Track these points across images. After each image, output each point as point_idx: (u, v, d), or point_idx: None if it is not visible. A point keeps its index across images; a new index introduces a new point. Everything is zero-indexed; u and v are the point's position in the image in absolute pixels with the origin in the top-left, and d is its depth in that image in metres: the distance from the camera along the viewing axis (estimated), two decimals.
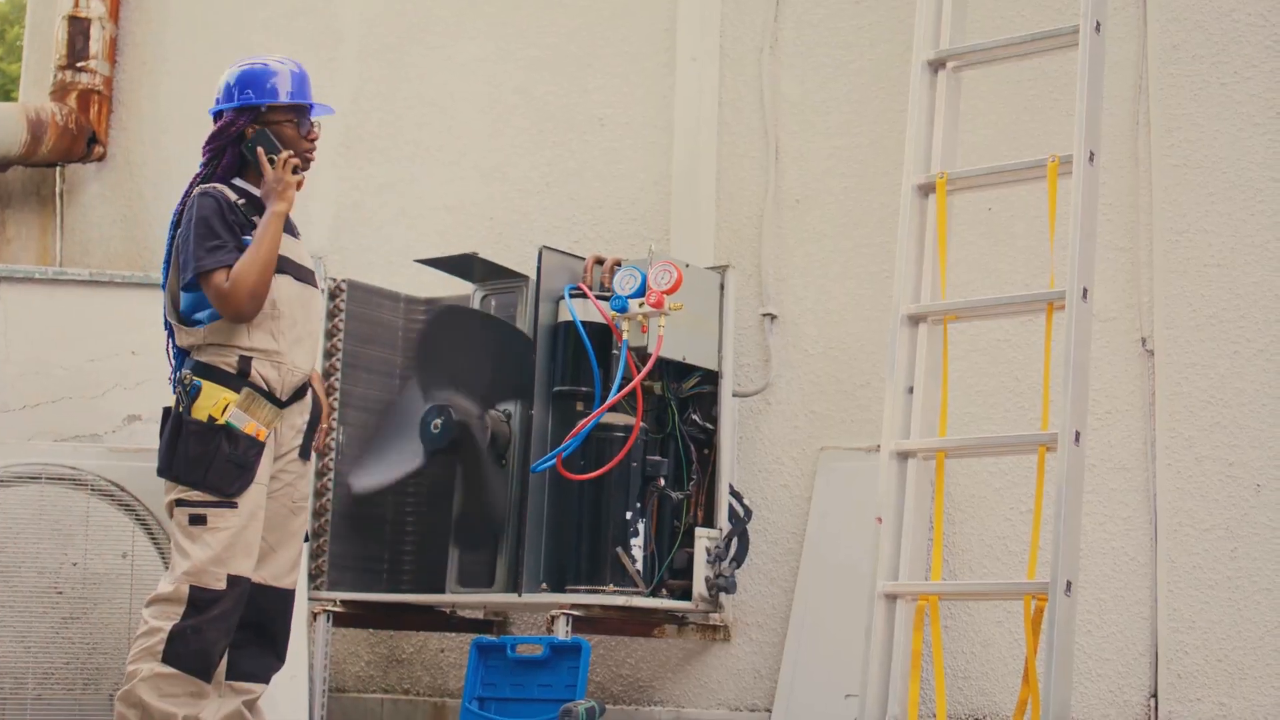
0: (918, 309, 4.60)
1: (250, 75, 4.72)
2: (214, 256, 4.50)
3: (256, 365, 4.55)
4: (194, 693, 4.44)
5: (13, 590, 5.31)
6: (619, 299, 5.30)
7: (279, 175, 4.64)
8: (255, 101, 4.69)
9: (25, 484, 5.36)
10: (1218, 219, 5.15)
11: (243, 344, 4.54)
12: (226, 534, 4.46)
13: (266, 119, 4.71)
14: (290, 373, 4.62)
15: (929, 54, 4.81)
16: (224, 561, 4.45)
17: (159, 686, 4.40)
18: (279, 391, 4.60)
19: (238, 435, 4.48)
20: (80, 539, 5.36)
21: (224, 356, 4.54)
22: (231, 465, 4.47)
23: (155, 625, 4.43)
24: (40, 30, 7.91)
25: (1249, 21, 5.20)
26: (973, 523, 5.42)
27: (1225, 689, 4.95)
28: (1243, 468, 5.02)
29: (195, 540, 4.45)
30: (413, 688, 6.39)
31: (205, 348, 4.56)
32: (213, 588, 4.44)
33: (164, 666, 4.40)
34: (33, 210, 7.73)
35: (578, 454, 5.29)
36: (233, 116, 4.71)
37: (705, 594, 5.43)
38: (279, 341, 4.59)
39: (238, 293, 4.48)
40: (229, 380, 4.51)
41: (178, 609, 4.42)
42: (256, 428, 4.51)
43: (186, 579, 4.43)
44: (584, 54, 6.50)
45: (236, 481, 4.48)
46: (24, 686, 5.26)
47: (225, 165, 4.70)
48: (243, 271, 4.49)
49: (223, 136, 4.70)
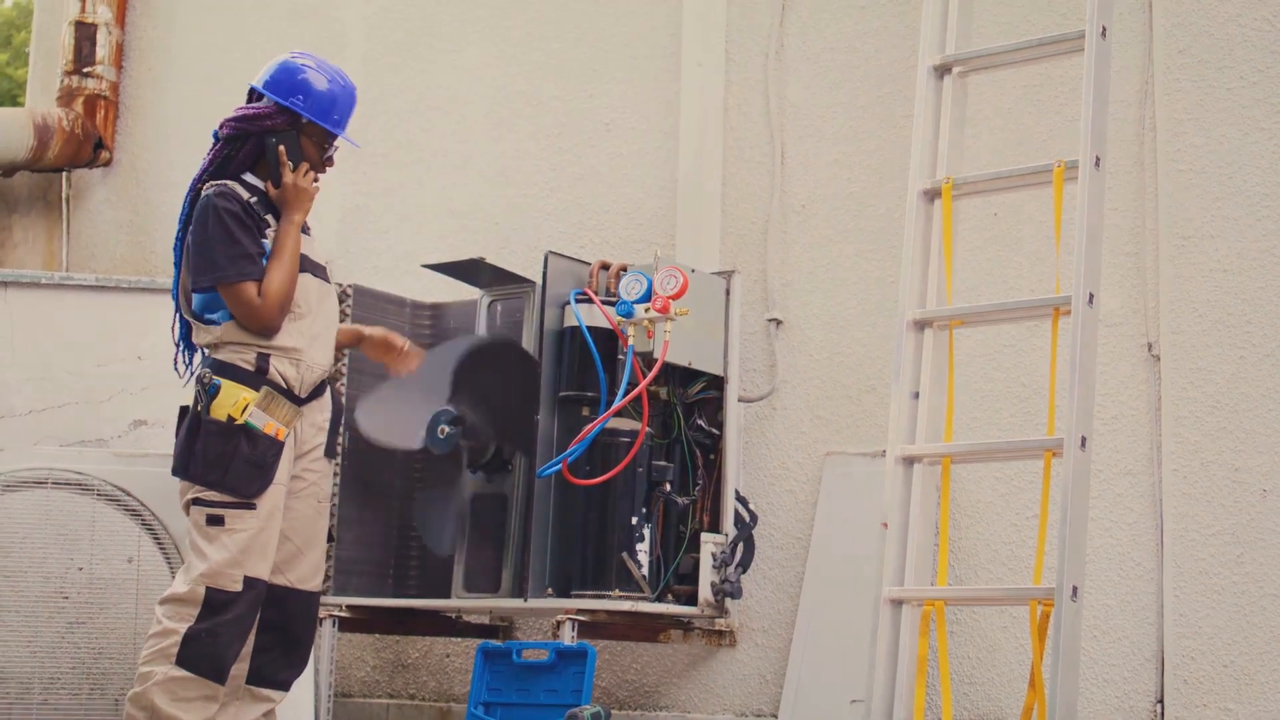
0: (923, 314, 4.59)
1: (307, 84, 4.63)
2: (238, 267, 4.46)
3: (275, 363, 4.52)
4: (207, 695, 4.42)
5: (19, 595, 5.31)
6: (625, 304, 5.30)
7: (298, 183, 4.59)
8: (301, 110, 4.63)
9: (31, 489, 5.36)
10: (1224, 224, 5.15)
11: (262, 342, 4.51)
12: (244, 536, 4.43)
13: (301, 126, 4.65)
14: (309, 370, 4.59)
15: (934, 59, 4.80)
16: (241, 564, 4.42)
17: (172, 690, 4.37)
18: (298, 389, 4.57)
19: (257, 435, 4.44)
20: (86, 544, 5.36)
21: (242, 354, 4.50)
22: (250, 466, 4.43)
23: (170, 627, 4.40)
24: (47, 35, 7.92)
25: (1255, 26, 5.19)
26: (978, 528, 5.41)
27: (1231, 695, 4.94)
28: (1249, 473, 5.02)
29: (212, 541, 4.42)
30: (418, 693, 6.39)
31: (223, 346, 4.52)
32: (229, 589, 4.41)
33: (178, 670, 4.37)
34: (39, 215, 7.73)
35: (583, 459, 5.29)
36: (272, 110, 4.63)
37: (711, 599, 5.43)
38: (299, 339, 4.56)
39: (269, 308, 4.46)
40: (248, 378, 4.48)
41: (192, 610, 4.39)
42: (276, 427, 4.48)
43: (203, 580, 4.40)
44: (590, 59, 6.50)
45: (255, 482, 4.44)
46: (30, 692, 5.26)
47: (244, 155, 4.63)
48: (274, 286, 4.47)
49: (254, 124, 4.61)
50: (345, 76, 4.74)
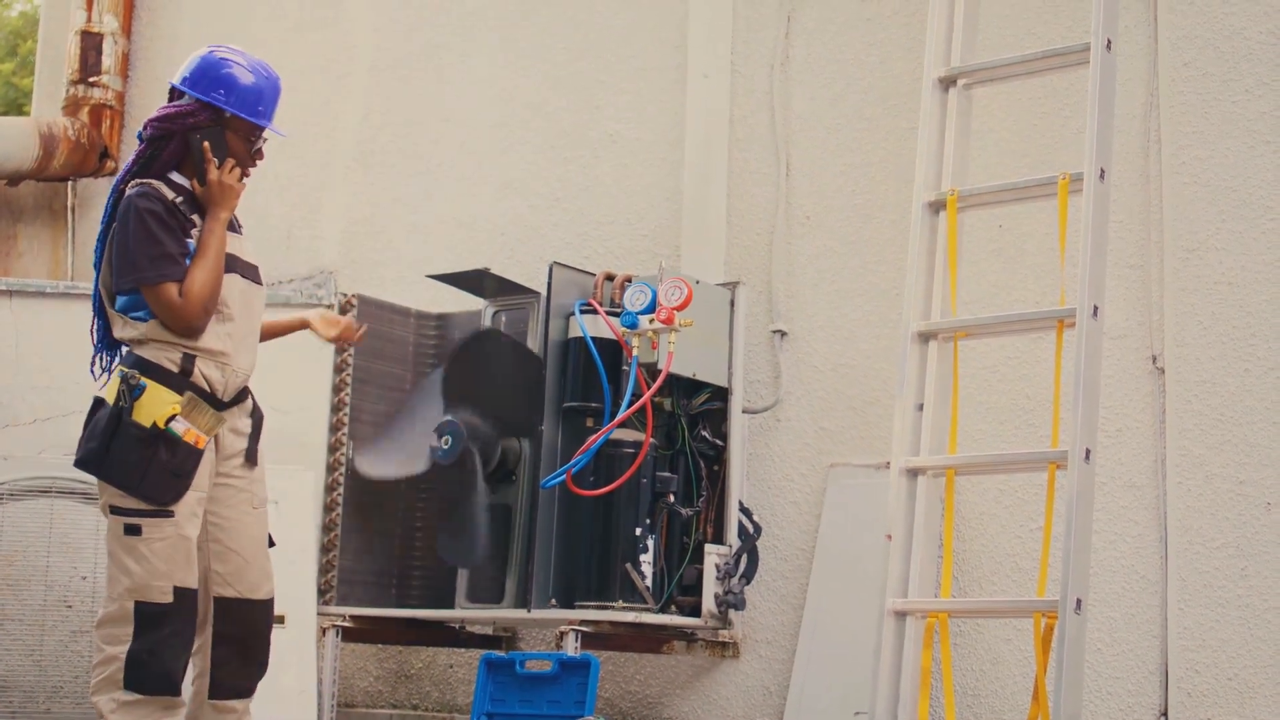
0: (928, 326, 4.60)
1: (229, 78, 4.51)
2: (159, 268, 4.32)
3: (200, 365, 4.38)
4: (165, 707, 4.31)
5: (22, 604, 5.31)
6: (629, 315, 5.30)
7: (224, 180, 4.46)
8: (223, 105, 4.50)
9: (35, 498, 5.37)
10: (1229, 237, 5.15)
11: (188, 343, 4.38)
12: (164, 545, 4.29)
13: (225, 121, 4.51)
14: (234, 374, 4.45)
15: (940, 71, 4.81)
16: (167, 574, 4.29)
17: (129, 713, 4.26)
18: (221, 393, 4.43)
19: (177, 443, 4.30)
20: (90, 553, 5.36)
21: (167, 353, 4.36)
22: (168, 474, 4.30)
23: (111, 653, 4.27)
24: (53, 45, 7.93)
25: (1260, 39, 5.20)
26: (982, 540, 5.41)
27: (1235, 708, 4.94)
28: (1253, 486, 5.02)
29: (131, 553, 4.29)
30: (421, 703, 6.38)
31: (148, 342, 4.38)
32: (159, 601, 4.28)
33: (128, 694, 4.25)
34: (44, 224, 7.74)
35: (587, 470, 5.29)
36: (195, 107, 4.49)
37: (714, 610, 5.42)
38: (225, 342, 4.43)
39: (191, 307, 4.33)
40: (172, 380, 4.33)
41: (127, 629, 4.27)
42: (196, 435, 4.33)
43: (130, 595, 4.27)
44: (596, 70, 6.51)
45: (171, 490, 4.30)
46: (33, 701, 5.26)
47: (169, 154, 4.48)
48: (195, 286, 4.33)
49: (177, 122, 4.48)
50: (269, 68, 4.62)
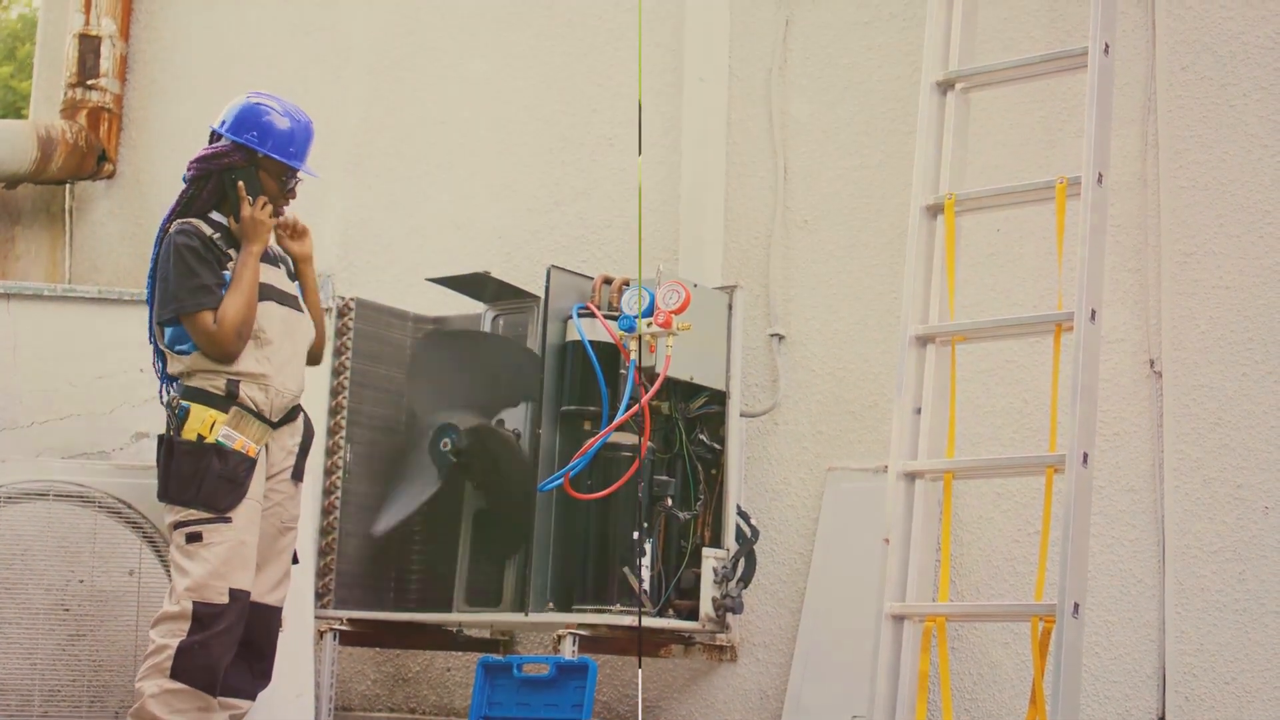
0: (926, 330, 4.60)
1: (262, 121, 4.84)
2: (196, 298, 4.66)
3: (244, 388, 4.69)
4: (201, 707, 4.56)
5: (20, 608, 5.31)
6: (627, 318, 5.30)
7: (255, 215, 4.78)
8: (256, 146, 4.83)
9: (33, 501, 5.37)
10: (1226, 241, 5.15)
11: (231, 369, 4.68)
12: (223, 548, 4.59)
13: (259, 161, 4.84)
14: (278, 395, 4.76)
15: (938, 75, 4.81)
16: (224, 575, 4.58)
17: (169, 703, 4.52)
18: (269, 413, 4.74)
19: (228, 452, 4.62)
20: (87, 556, 5.36)
21: (212, 380, 4.69)
22: (223, 481, 4.61)
23: (163, 643, 4.54)
24: (51, 48, 7.93)
25: (1258, 44, 5.20)
26: (980, 544, 5.41)
27: (1233, 712, 4.94)
28: (1251, 490, 5.02)
29: (192, 557, 4.58)
30: (419, 706, 6.38)
31: (194, 374, 4.70)
32: (215, 602, 4.56)
33: (172, 682, 4.51)
34: (42, 227, 7.74)
35: (585, 473, 5.28)
36: (230, 148, 4.85)
37: (712, 614, 5.42)
38: (266, 365, 4.73)
39: (225, 333, 4.64)
40: (216, 401, 4.66)
41: (183, 625, 4.54)
42: (246, 444, 4.65)
43: (189, 595, 4.55)
44: (593, 74, 6.51)
45: (229, 496, 4.61)
46: (30, 704, 5.26)
47: (208, 194, 4.84)
48: (229, 313, 4.65)
49: (213, 163, 4.84)
50: (301, 112, 4.96)
